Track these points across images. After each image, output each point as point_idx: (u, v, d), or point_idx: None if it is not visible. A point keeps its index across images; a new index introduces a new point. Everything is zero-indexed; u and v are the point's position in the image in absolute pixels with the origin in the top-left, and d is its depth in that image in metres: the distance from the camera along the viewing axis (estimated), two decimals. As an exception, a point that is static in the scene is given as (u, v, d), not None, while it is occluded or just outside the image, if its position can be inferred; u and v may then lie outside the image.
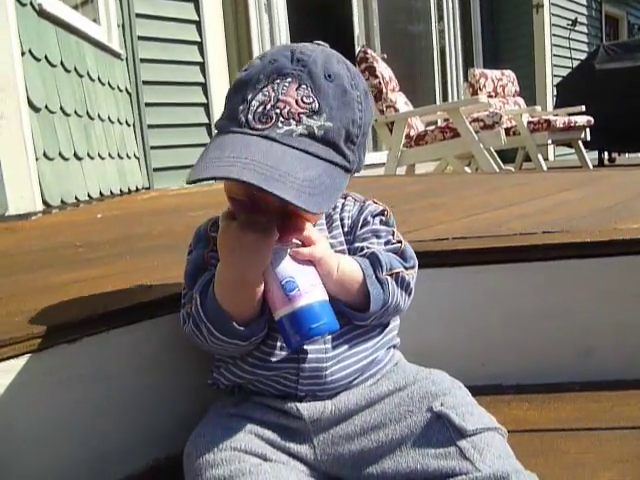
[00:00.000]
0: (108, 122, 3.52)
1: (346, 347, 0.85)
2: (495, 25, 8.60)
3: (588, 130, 5.90)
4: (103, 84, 3.52)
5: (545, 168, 5.30)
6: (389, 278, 0.83)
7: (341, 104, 0.77)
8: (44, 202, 2.62)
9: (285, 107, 0.74)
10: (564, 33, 8.87)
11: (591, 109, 5.91)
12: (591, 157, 6.27)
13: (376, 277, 0.82)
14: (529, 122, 5.59)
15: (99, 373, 0.92)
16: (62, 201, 2.77)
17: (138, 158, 4.02)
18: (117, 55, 3.82)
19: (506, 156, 5.60)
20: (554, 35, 8.61)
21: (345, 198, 0.92)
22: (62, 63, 2.96)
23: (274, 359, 0.83)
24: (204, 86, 4.56)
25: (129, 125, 3.94)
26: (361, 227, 0.89)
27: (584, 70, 7.22)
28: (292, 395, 0.84)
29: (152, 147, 4.16)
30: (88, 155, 3.13)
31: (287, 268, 0.76)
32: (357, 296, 0.82)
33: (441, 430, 0.79)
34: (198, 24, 4.51)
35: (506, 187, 2.53)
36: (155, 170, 4.20)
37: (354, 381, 0.86)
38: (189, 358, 1.00)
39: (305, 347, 0.81)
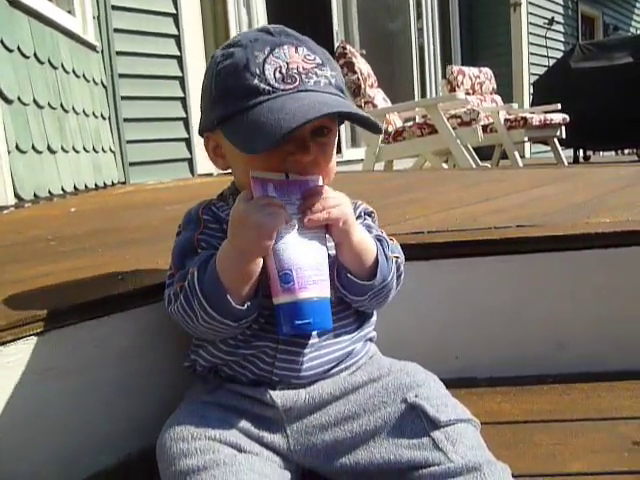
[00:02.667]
0: (83, 115, 3.47)
1: (327, 336, 0.85)
2: (473, 23, 8.67)
3: (563, 128, 5.97)
4: (78, 76, 3.47)
5: (521, 165, 5.35)
6: (393, 258, 0.87)
7: (328, 58, 0.84)
8: (16, 196, 2.57)
9: (298, 66, 0.79)
10: (541, 32, 8.97)
11: (566, 107, 5.98)
12: (566, 155, 6.34)
13: (384, 253, 0.85)
14: (506, 119, 5.63)
15: (67, 367, 0.90)
16: (35, 195, 2.72)
17: (114, 152, 3.97)
18: (92, 47, 3.76)
19: (483, 153, 5.64)
20: (531, 34, 8.70)
21: None
22: (35, 54, 2.91)
23: (251, 338, 0.84)
24: (181, 80, 4.52)
25: (104, 119, 3.88)
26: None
27: (560, 69, 7.30)
28: (267, 380, 0.84)
29: (128, 141, 4.11)
30: (62, 148, 3.08)
31: (289, 258, 0.75)
32: (365, 268, 0.83)
33: (415, 421, 0.79)
34: (175, 17, 4.47)
35: (483, 183, 2.55)
36: (131, 165, 4.15)
37: (329, 371, 0.86)
38: (162, 351, 0.99)
39: None
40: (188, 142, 4.59)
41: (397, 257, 0.89)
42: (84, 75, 3.56)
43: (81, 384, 0.92)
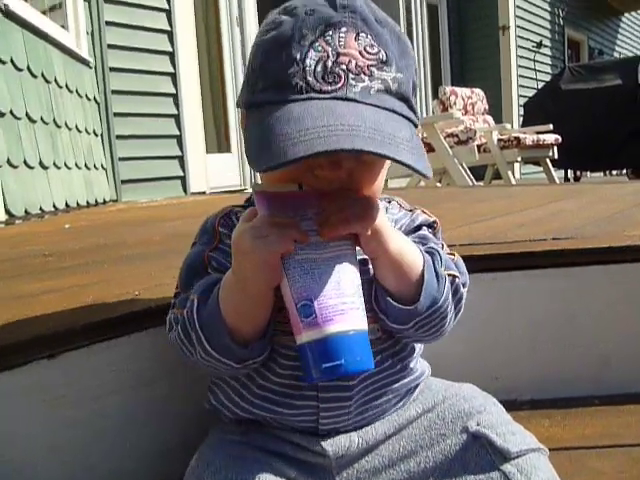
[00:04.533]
0: (75, 131, 3.37)
1: (374, 379, 0.73)
2: (463, 45, 8.74)
3: (555, 148, 5.98)
4: (71, 92, 3.38)
5: (515, 184, 5.33)
6: (447, 276, 0.71)
7: (401, 52, 0.66)
8: (7, 212, 2.47)
9: (350, 61, 0.62)
10: (529, 55, 9.06)
11: (556, 128, 6.00)
12: (557, 175, 6.35)
13: (434, 269, 0.69)
14: (499, 139, 5.63)
15: (80, 394, 0.80)
16: (26, 211, 2.62)
17: (105, 169, 3.87)
18: (86, 63, 3.68)
19: (474, 173, 5.62)
20: (520, 56, 8.78)
21: (389, 202, 0.80)
22: (29, 68, 2.83)
23: (287, 391, 0.71)
24: (175, 97, 4.45)
25: (97, 135, 3.79)
26: (410, 232, 0.77)
27: (550, 90, 7.37)
28: (313, 431, 0.72)
29: (120, 158, 4.02)
30: (54, 164, 2.98)
31: (307, 286, 0.61)
32: (408, 286, 0.68)
33: (480, 453, 0.70)
34: (170, 34, 4.42)
35: (493, 199, 2.49)
36: (123, 182, 4.05)
37: (383, 413, 0.75)
38: (184, 376, 0.89)
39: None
40: (181, 160, 4.51)
41: (454, 276, 0.71)
42: (77, 90, 3.48)
43: (94, 413, 0.82)
